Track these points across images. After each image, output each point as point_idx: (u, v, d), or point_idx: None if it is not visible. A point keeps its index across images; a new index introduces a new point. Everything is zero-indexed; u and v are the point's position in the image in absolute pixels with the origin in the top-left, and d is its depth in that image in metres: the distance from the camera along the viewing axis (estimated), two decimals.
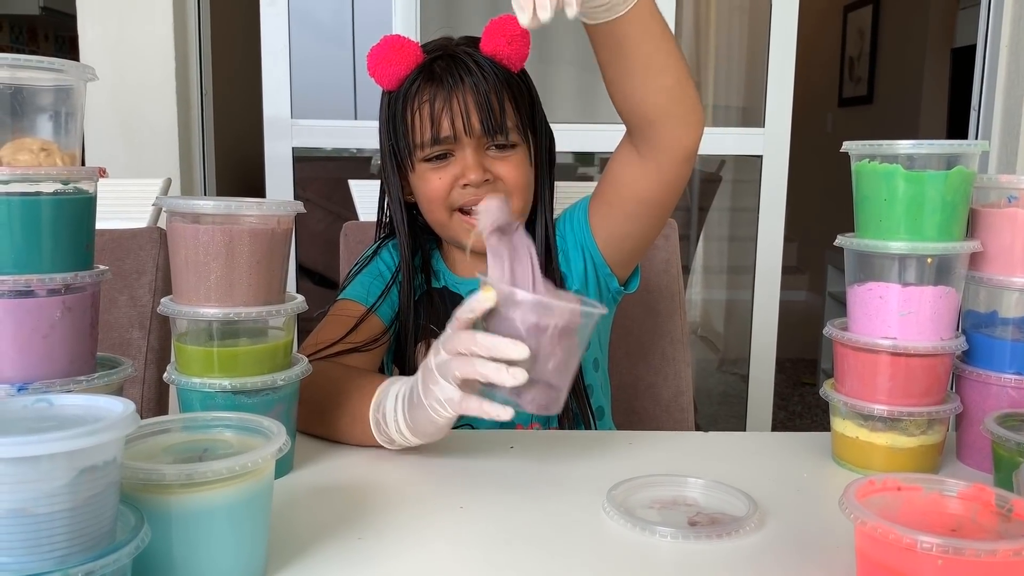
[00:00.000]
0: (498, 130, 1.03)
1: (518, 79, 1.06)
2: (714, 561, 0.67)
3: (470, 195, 1.03)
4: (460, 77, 1.01)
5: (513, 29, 1.01)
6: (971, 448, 0.89)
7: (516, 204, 1.06)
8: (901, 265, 0.84)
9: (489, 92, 1.02)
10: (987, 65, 2.19)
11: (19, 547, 0.47)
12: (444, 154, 1.04)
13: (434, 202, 1.06)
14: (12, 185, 0.69)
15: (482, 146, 1.04)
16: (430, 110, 1.02)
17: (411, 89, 1.03)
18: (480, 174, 1.02)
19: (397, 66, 1.02)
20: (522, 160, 1.06)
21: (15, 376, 0.70)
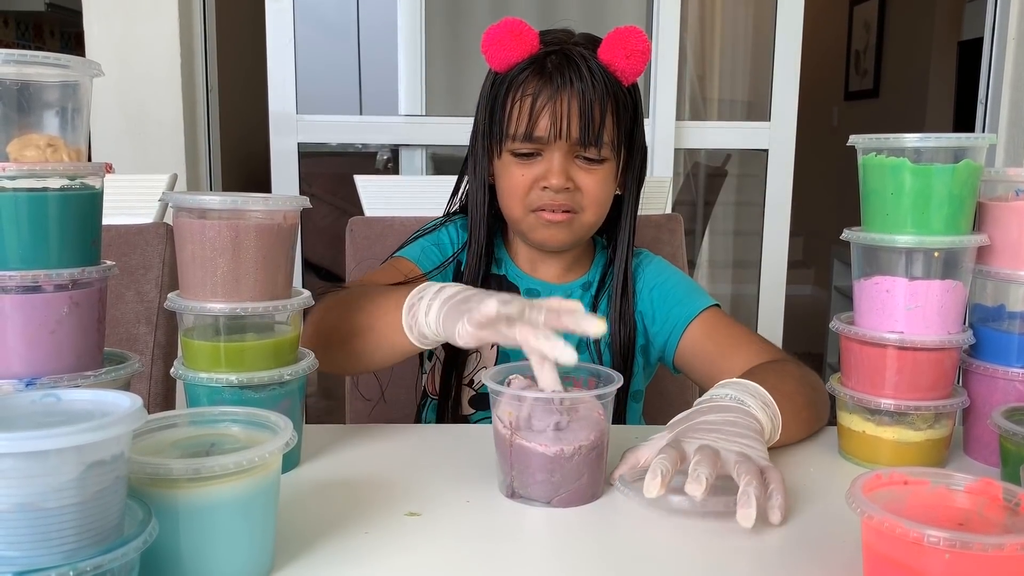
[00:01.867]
0: (593, 142, 1.01)
1: (626, 93, 1.05)
2: (721, 556, 0.67)
3: (548, 198, 1.03)
4: (570, 80, 1.00)
5: (635, 44, 1.01)
6: (978, 442, 0.89)
7: (589, 219, 1.06)
8: (908, 259, 0.84)
9: (594, 102, 1.00)
10: (994, 58, 2.18)
11: (27, 541, 0.47)
12: (533, 152, 1.03)
13: (513, 196, 1.06)
14: (19, 181, 0.69)
15: (572, 153, 1.03)
16: (531, 105, 1.01)
17: (519, 77, 1.02)
18: (563, 181, 1.02)
19: (511, 51, 1.01)
20: (607, 176, 1.06)
21: (23, 371, 0.70)
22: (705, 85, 2.84)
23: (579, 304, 0.76)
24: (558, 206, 1.03)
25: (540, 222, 1.05)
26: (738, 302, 3.28)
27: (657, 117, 2.12)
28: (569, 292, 1.13)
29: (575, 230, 1.07)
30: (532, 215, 1.05)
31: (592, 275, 1.15)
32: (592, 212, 1.06)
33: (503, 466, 0.77)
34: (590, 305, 1.12)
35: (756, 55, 2.80)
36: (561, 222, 1.05)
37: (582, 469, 0.75)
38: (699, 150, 2.78)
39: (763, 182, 2.21)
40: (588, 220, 1.06)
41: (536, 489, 0.75)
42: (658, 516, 0.73)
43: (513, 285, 1.13)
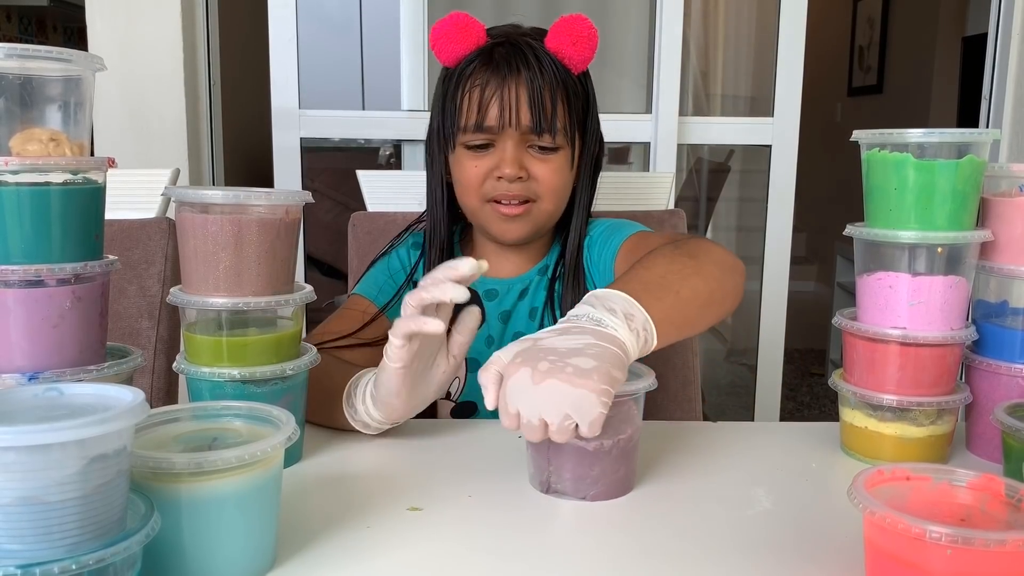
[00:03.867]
0: (545, 129, 1.01)
1: (577, 80, 1.05)
2: (723, 550, 0.67)
3: (503, 188, 1.03)
4: (517, 68, 1.00)
5: (580, 30, 1.01)
6: (981, 438, 0.88)
7: (547, 207, 1.06)
8: (911, 255, 0.84)
9: (543, 89, 1.00)
10: (998, 54, 2.18)
11: (30, 535, 0.47)
12: (486, 143, 1.03)
13: (468, 188, 1.05)
14: (21, 175, 0.69)
15: (524, 142, 1.03)
16: (480, 95, 1.01)
17: (467, 70, 1.02)
18: (516, 170, 1.02)
19: (458, 44, 1.01)
20: (562, 164, 1.05)
21: (26, 366, 0.70)
22: (708, 81, 2.84)
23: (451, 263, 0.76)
24: (513, 196, 1.03)
25: (496, 215, 1.05)
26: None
27: (660, 113, 2.12)
28: (527, 282, 1.13)
29: (534, 220, 1.06)
30: (488, 206, 1.05)
31: (549, 259, 1.15)
32: (549, 201, 1.05)
33: (538, 462, 0.77)
34: (545, 290, 1.12)
35: (759, 51, 2.80)
36: (519, 215, 1.04)
37: (620, 462, 0.76)
38: (702, 146, 2.77)
39: (766, 178, 2.20)
40: (546, 209, 1.06)
41: (575, 484, 0.75)
42: (668, 507, 0.73)
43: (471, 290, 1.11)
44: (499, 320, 1.11)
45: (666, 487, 0.80)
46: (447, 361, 0.82)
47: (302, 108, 2.06)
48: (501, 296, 1.12)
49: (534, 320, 1.11)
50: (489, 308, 1.12)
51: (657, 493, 0.78)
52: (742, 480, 0.81)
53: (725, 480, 0.81)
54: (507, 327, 1.11)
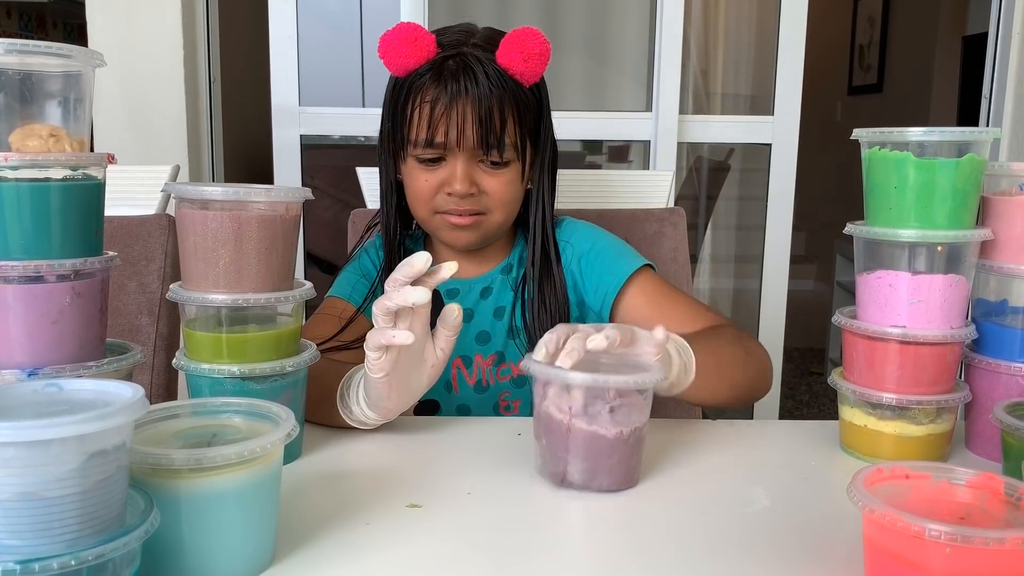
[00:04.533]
0: (494, 146, 1.01)
1: (528, 93, 1.04)
2: (724, 546, 0.67)
3: (453, 203, 1.03)
4: (465, 87, 0.99)
5: (532, 47, 1.00)
6: (980, 437, 0.89)
7: (497, 219, 1.06)
8: (911, 253, 0.84)
9: (492, 108, 1.00)
10: (999, 53, 2.18)
11: (30, 530, 0.47)
12: (436, 157, 1.03)
13: (418, 200, 1.06)
14: (21, 171, 0.69)
15: (475, 157, 1.03)
16: (430, 112, 1.00)
17: (417, 83, 1.01)
18: (466, 187, 1.02)
19: (407, 58, 1.01)
20: (513, 177, 1.05)
21: (25, 361, 0.70)
22: (708, 79, 2.83)
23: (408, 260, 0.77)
24: (464, 211, 1.04)
25: (446, 224, 1.05)
26: (740, 297, 3.28)
27: (660, 111, 2.12)
28: (488, 281, 1.13)
29: (484, 230, 1.07)
30: (438, 217, 1.06)
31: (513, 257, 1.15)
32: (500, 213, 1.06)
33: (555, 451, 0.77)
34: (513, 290, 1.12)
35: (760, 49, 2.80)
36: (468, 225, 1.05)
37: (634, 451, 0.77)
38: (702, 144, 2.77)
39: (766, 176, 2.20)
40: (496, 220, 1.06)
41: (591, 473, 0.76)
42: (668, 504, 0.73)
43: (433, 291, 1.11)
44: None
45: (666, 485, 0.80)
46: (435, 355, 0.82)
47: (302, 105, 2.06)
48: (462, 295, 1.12)
49: (500, 319, 1.11)
50: None
51: (657, 490, 0.78)
52: (741, 478, 0.82)
53: (724, 478, 0.81)
54: (469, 325, 1.11)
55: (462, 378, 1.10)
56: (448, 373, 1.09)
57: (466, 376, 1.10)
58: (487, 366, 1.10)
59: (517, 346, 1.09)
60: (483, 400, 1.10)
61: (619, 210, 1.39)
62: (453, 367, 1.09)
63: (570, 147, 2.56)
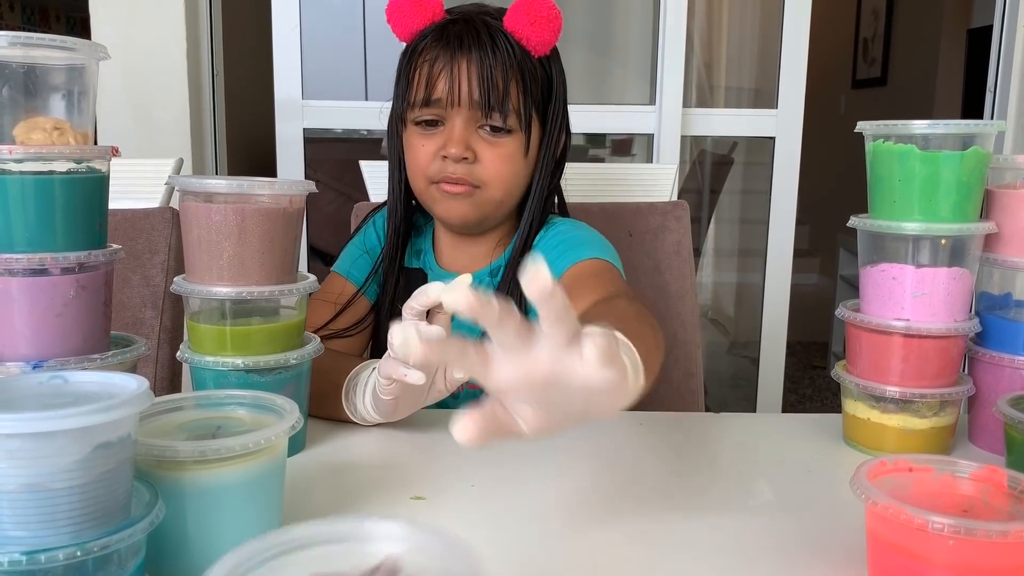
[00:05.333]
0: (495, 108, 0.97)
1: (538, 65, 1.01)
2: (726, 542, 0.67)
3: (448, 168, 0.99)
4: (469, 45, 0.97)
5: (538, 11, 0.98)
6: (983, 430, 0.89)
7: (493, 194, 1.01)
8: (915, 246, 0.84)
9: (495, 67, 0.97)
10: (1003, 46, 2.17)
11: (35, 521, 0.48)
12: (435, 121, 1.00)
13: (415, 168, 1.03)
14: (25, 164, 0.69)
15: (474, 122, 0.99)
16: (429, 69, 0.98)
17: (420, 45, 1.00)
18: (461, 149, 0.98)
19: (412, 19, 0.99)
20: (513, 151, 1.01)
21: (30, 354, 0.70)
22: (712, 73, 2.83)
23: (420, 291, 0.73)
24: (457, 179, 0.99)
25: (440, 193, 1.01)
26: (743, 291, 3.28)
27: (664, 104, 2.12)
28: (477, 281, 1.07)
29: (478, 205, 1.02)
30: (433, 187, 1.02)
31: (503, 259, 1.09)
32: (495, 188, 1.01)
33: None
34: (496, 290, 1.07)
35: (763, 43, 2.79)
36: (460, 194, 1.00)
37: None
38: (705, 138, 2.77)
39: (769, 170, 2.20)
40: (492, 196, 1.01)
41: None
42: (671, 497, 0.73)
43: (426, 277, 1.11)
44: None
45: (669, 478, 0.80)
46: (443, 383, 0.81)
47: (305, 98, 2.06)
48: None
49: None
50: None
51: (659, 484, 0.78)
52: (744, 471, 0.82)
53: (727, 471, 0.82)
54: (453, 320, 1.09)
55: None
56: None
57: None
58: None
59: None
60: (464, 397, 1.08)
61: (622, 203, 1.38)
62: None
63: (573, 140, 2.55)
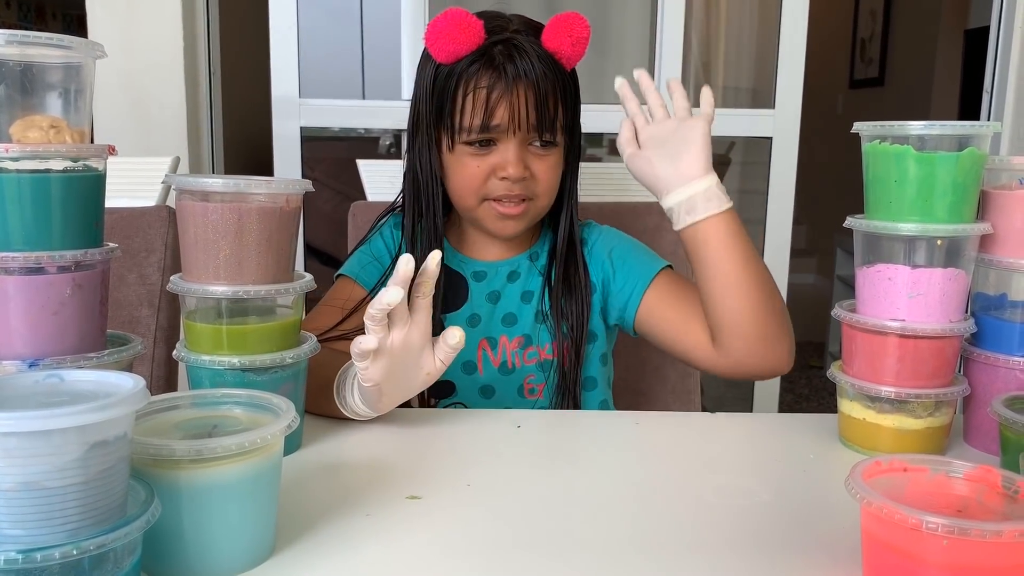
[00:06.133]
0: (549, 128, 1.03)
1: (568, 77, 1.06)
2: (720, 540, 0.67)
3: (505, 188, 1.03)
4: (523, 71, 1.00)
5: (579, 31, 1.02)
6: (978, 430, 0.89)
7: (543, 204, 1.08)
8: (911, 247, 0.84)
9: (548, 90, 1.02)
10: (1000, 47, 2.17)
11: (31, 520, 0.48)
12: (487, 141, 1.03)
13: (467, 187, 1.05)
14: (22, 162, 0.69)
15: (526, 141, 1.04)
16: (486, 96, 1.00)
17: (469, 69, 1.01)
18: (521, 170, 1.02)
19: (458, 44, 1.00)
20: (558, 161, 1.07)
21: (26, 352, 0.70)
22: (710, 72, 2.83)
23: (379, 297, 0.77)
24: (515, 196, 1.04)
25: (494, 213, 1.06)
26: None
27: None
28: (515, 266, 1.13)
29: (530, 217, 1.08)
30: (486, 204, 1.06)
31: (539, 246, 1.16)
32: (545, 197, 1.07)
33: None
34: (540, 276, 1.13)
35: (761, 42, 2.79)
36: (517, 214, 1.06)
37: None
38: None
39: (767, 170, 2.20)
40: (541, 205, 1.08)
41: None
42: (666, 497, 0.73)
43: (456, 272, 1.13)
44: (487, 300, 1.12)
45: (664, 477, 0.80)
46: (433, 364, 0.83)
47: (302, 97, 2.06)
48: (489, 277, 1.13)
49: (528, 303, 1.12)
50: (476, 288, 1.13)
51: (655, 483, 0.78)
52: (740, 471, 0.82)
53: (723, 471, 0.82)
54: (496, 307, 1.12)
55: (487, 359, 1.10)
56: (473, 354, 1.10)
57: (491, 357, 1.10)
58: (512, 348, 1.10)
59: (547, 330, 1.10)
60: (507, 382, 1.10)
61: (620, 203, 1.39)
62: (478, 348, 1.10)
63: None
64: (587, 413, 1.03)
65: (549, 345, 1.10)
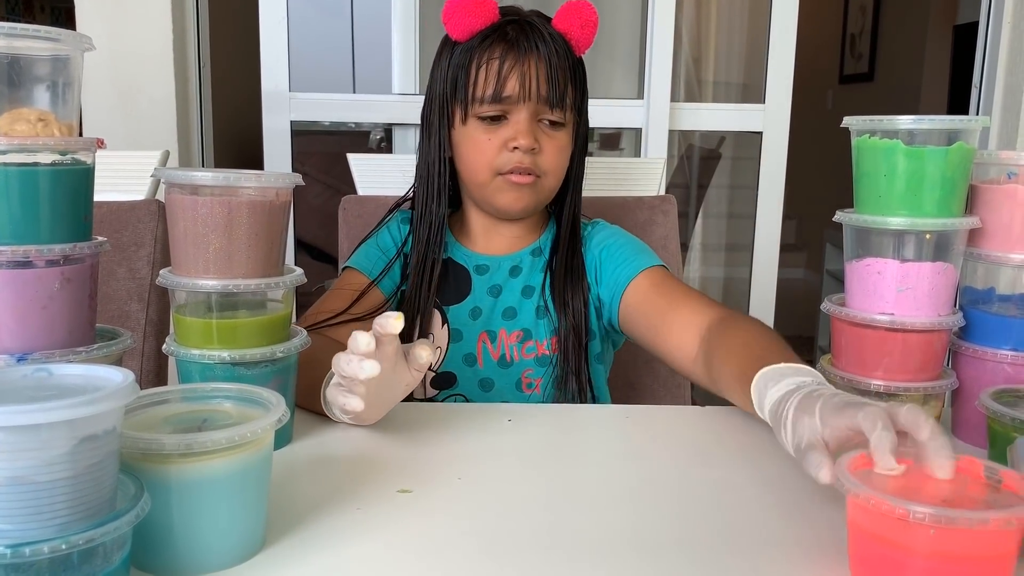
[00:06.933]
0: (558, 103, 1.05)
1: (578, 62, 1.08)
2: (712, 532, 0.67)
3: (516, 160, 1.05)
4: (535, 44, 1.04)
5: (588, 16, 1.06)
6: (966, 424, 0.89)
7: (550, 183, 1.09)
8: (900, 241, 0.84)
9: (559, 65, 1.04)
10: (989, 42, 2.18)
11: (20, 514, 0.47)
12: (498, 116, 1.05)
13: (479, 160, 1.07)
14: (9, 155, 0.69)
15: (537, 116, 1.05)
16: (499, 67, 1.03)
17: (482, 43, 1.04)
18: (531, 140, 1.04)
19: (473, 18, 1.04)
20: (566, 142, 1.09)
21: (14, 347, 0.70)
22: (700, 67, 2.83)
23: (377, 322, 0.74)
24: (524, 168, 1.05)
25: (507, 184, 1.07)
26: (730, 285, 3.29)
27: (652, 99, 2.12)
28: (518, 260, 1.14)
29: (538, 193, 1.09)
30: (499, 178, 1.07)
31: (543, 241, 1.17)
32: (552, 176, 1.09)
33: None
34: (542, 270, 1.14)
35: (751, 37, 2.79)
36: (526, 184, 1.06)
37: None
38: (693, 132, 2.77)
39: (757, 165, 2.21)
40: (549, 184, 1.09)
41: None
42: (657, 490, 0.74)
43: (459, 265, 1.14)
44: (488, 294, 1.13)
45: (655, 471, 0.80)
46: (410, 374, 0.81)
47: (292, 91, 2.05)
48: (492, 271, 1.14)
49: (528, 298, 1.13)
50: (478, 282, 1.14)
51: (646, 477, 0.79)
52: (731, 464, 0.82)
53: (714, 464, 0.82)
54: (497, 301, 1.13)
55: (487, 352, 1.11)
56: (473, 347, 1.11)
57: (491, 350, 1.11)
58: (512, 342, 1.11)
59: (546, 325, 1.11)
60: (506, 375, 1.10)
61: (610, 197, 1.39)
62: (478, 341, 1.11)
63: None
64: (578, 407, 1.03)
65: (548, 340, 1.10)
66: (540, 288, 1.13)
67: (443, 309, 1.12)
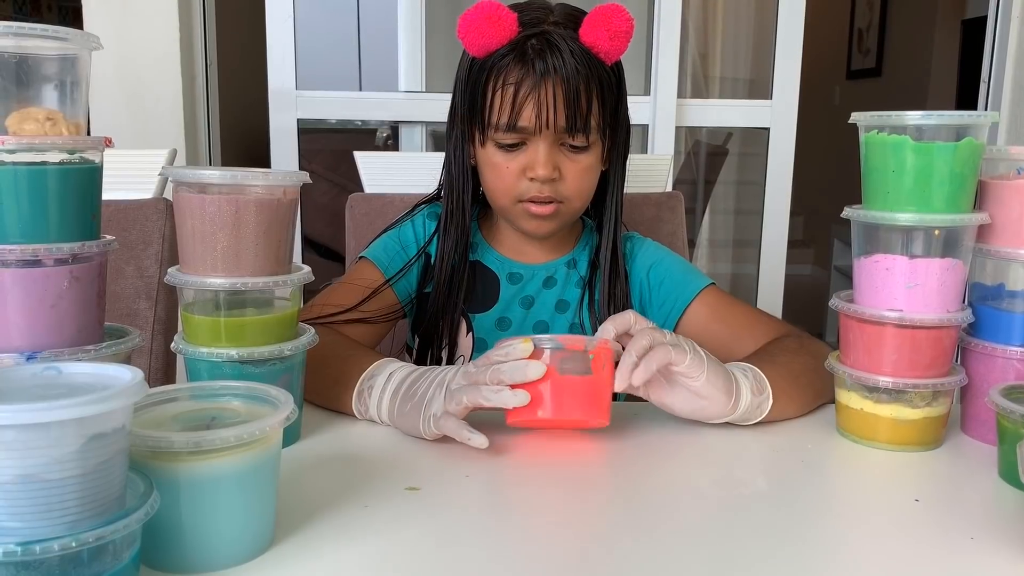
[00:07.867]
0: (580, 129, 0.99)
1: (610, 72, 1.01)
2: (717, 530, 0.67)
3: (535, 189, 1.01)
4: (553, 67, 0.96)
5: (618, 25, 0.97)
6: (976, 420, 0.89)
7: (575, 205, 1.05)
8: (908, 237, 0.84)
9: (579, 88, 0.97)
10: (998, 36, 2.17)
11: (30, 512, 0.48)
12: (518, 142, 1.01)
13: (498, 187, 1.04)
14: (18, 154, 0.69)
15: (558, 141, 1.00)
16: (514, 94, 0.97)
17: (500, 64, 0.98)
18: (550, 171, 0.99)
19: (489, 37, 0.97)
20: (593, 163, 1.04)
21: (24, 345, 0.70)
22: (707, 63, 2.82)
23: (506, 348, 0.79)
24: (544, 198, 1.02)
25: (527, 213, 1.03)
26: (738, 281, 3.29)
27: (658, 95, 2.11)
28: (553, 271, 1.12)
29: (561, 218, 1.05)
30: (519, 205, 1.03)
31: (577, 252, 1.14)
32: (577, 200, 1.05)
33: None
34: (579, 285, 1.11)
35: (758, 33, 2.79)
36: (547, 215, 1.03)
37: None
38: (700, 128, 2.77)
39: (764, 161, 2.20)
40: (573, 208, 1.05)
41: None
42: (664, 487, 0.74)
43: (490, 271, 1.11)
44: (519, 305, 1.10)
45: (660, 467, 0.80)
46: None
47: (299, 89, 2.05)
48: (525, 281, 1.11)
49: (563, 313, 1.10)
50: (509, 292, 1.10)
51: (652, 473, 0.79)
52: (737, 460, 0.82)
53: (720, 460, 0.82)
54: (529, 312, 1.10)
55: None
56: None
57: None
58: None
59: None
60: None
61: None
62: None
63: None
64: None
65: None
66: (577, 306, 1.10)
67: (468, 316, 1.09)
